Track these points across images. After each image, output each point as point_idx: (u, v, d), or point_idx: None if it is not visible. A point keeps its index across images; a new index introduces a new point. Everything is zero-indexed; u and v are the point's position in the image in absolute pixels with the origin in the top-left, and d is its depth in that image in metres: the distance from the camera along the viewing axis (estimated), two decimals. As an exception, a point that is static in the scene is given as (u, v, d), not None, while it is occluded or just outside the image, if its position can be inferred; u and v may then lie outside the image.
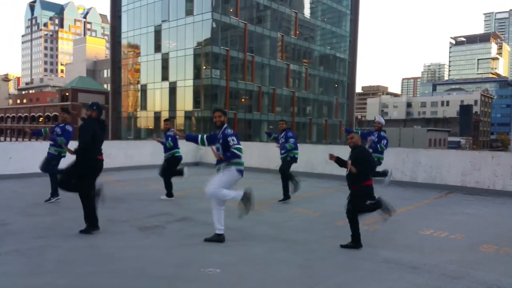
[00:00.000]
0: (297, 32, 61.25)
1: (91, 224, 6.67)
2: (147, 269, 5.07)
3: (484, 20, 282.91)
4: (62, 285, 4.56)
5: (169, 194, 10.04)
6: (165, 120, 10.60)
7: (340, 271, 5.15)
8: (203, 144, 6.75)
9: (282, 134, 10.01)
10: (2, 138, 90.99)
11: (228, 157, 6.23)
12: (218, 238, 6.25)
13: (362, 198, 6.10)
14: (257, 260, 5.52)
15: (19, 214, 7.99)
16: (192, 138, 6.91)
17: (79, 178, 6.61)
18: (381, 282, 4.78)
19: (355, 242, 6.10)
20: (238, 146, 6.25)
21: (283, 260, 5.54)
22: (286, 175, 9.82)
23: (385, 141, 10.00)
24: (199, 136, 6.83)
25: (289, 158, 9.90)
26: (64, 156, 9.18)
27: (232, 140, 6.23)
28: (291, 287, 4.61)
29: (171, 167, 10.13)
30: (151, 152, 16.10)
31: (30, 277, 4.79)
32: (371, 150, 10.34)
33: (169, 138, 9.94)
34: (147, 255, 5.64)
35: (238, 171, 6.34)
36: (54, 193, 9.29)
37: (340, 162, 6.13)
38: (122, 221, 7.55)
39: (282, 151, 9.98)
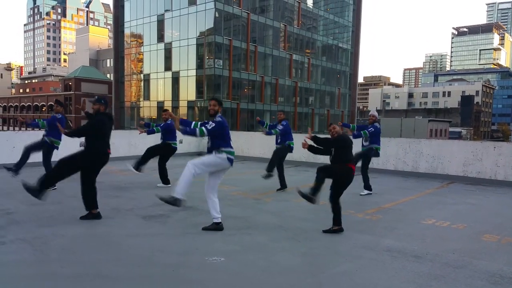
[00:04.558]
0: (300, 22, 60.99)
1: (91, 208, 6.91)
2: (152, 258, 5.11)
3: (487, 11, 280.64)
4: (68, 274, 4.59)
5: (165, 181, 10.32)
6: (163, 111, 10.64)
7: (344, 260, 5.18)
8: (202, 134, 6.14)
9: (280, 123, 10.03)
10: (6, 128, 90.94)
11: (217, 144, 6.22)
12: (216, 227, 6.31)
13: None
14: (261, 249, 5.55)
15: (23, 203, 8.04)
16: (190, 132, 6.21)
17: (82, 169, 6.79)
18: (384, 271, 4.81)
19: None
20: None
21: (286, 248, 5.58)
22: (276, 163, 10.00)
23: (372, 129, 9.52)
24: (197, 130, 6.16)
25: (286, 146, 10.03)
26: (57, 148, 9.67)
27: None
28: (295, 275, 4.64)
29: (164, 156, 10.53)
30: (155, 142, 16.05)
31: (35, 266, 4.83)
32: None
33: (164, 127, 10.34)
34: (152, 244, 5.67)
35: (229, 160, 6.31)
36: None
37: (314, 149, 6.59)
38: (126, 210, 7.60)
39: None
